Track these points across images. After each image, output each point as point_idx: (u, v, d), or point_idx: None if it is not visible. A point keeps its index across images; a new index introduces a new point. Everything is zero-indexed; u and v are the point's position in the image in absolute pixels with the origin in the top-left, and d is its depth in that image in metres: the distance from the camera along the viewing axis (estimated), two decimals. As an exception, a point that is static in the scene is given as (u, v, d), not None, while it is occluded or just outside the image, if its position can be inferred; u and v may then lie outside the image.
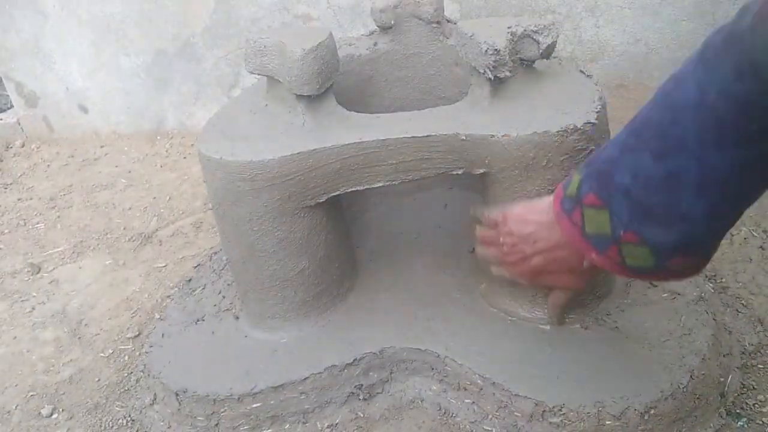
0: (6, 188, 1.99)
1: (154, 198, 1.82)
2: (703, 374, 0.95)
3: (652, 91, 0.61)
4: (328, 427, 1.04)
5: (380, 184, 1.02)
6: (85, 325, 1.39)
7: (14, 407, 1.20)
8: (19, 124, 2.27)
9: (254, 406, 1.03)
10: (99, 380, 1.23)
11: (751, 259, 1.27)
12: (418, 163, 0.99)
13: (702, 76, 0.51)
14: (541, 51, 0.95)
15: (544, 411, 0.93)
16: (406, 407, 1.06)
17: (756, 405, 1.00)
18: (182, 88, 2.10)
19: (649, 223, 0.58)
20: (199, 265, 1.35)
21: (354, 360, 1.04)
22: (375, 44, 1.19)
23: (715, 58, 0.50)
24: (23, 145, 2.23)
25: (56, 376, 1.26)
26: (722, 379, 1.01)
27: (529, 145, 0.91)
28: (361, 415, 1.05)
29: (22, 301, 1.49)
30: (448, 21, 1.20)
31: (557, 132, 0.90)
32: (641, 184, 0.57)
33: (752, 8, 0.47)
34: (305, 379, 1.03)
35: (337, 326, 1.11)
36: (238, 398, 1.02)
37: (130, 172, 1.98)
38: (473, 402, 1.01)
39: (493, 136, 0.93)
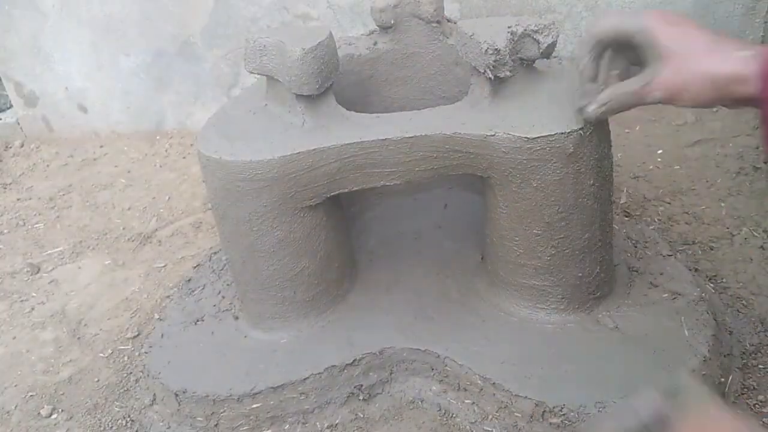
0: (5, 188, 1.99)
1: (154, 198, 1.82)
2: (704, 375, 0.95)
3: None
4: (328, 427, 1.04)
5: (380, 184, 1.02)
6: (85, 325, 1.38)
7: (14, 407, 1.20)
8: (19, 124, 2.27)
9: (254, 406, 1.03)
10: (98, 380, 1.23)
11: (751, 259, 1.27)
12: (418, 163, 0.99)
13: None
14: (541, 50, 0.95)
15: (544, 411, 0.93)
16: (406, 407, 1.06)
17: (756, 405, 1.00)
18: (182, 88, 2.10)
19: None
20: (198, 265, 1.35)
21: (354, 360, 1.04)
22: (375, 44, 1.19)
23: None
24: (22, 145, 2.23)
25: (56, 376, 1.26)
26: (723, 380, 1.00)
27: (530, 144, 0.91)
28: (361, 416, 1.05)
29: (22, 301, 1.49)
30: (448, 20, 1.19)
31: (558, 132, 0.90)
32: None
33: None
34: (305, 379, 1.03)
35: (337, 326, 1.11)
36: (238, 398, 1.02)
37: (129, 172, 1.98)
38: (473, 402, 1.01)
39: (493, 135, 0.93)
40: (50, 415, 1.17)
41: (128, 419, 1.13)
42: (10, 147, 2.22)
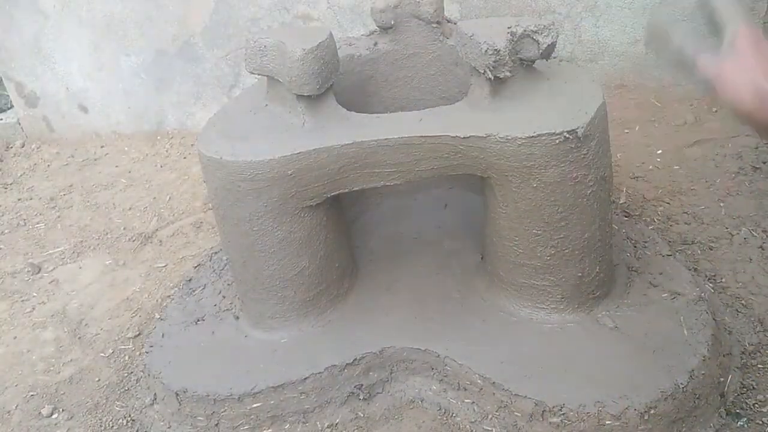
0: (6, 188, 1.99)
1: (154, 198, 1.82)
2: (703, 374, 0.95)
3: (652, 91, 0.58)
4: (328, 426, 1.04)
5: (380, 184, 1.02)
6: (86, 325, 1.39)
7: (14, 407, 1.20)
8: (20, 124, 2.27)
9: (254, 405, 1.03)
10: (99, 380, 1.23)
11: (750, 259, 1.27)
12: (418, 163, 0.99)
13: None
14: (541, 51, 0.95)
15: (544, 411, 0.93)
16: (406, 407, 1.06)
17: (756, 405, 1.00)
18: (182, 88, 2.10)
19: None
20: (199, 265, 1.35)
21: (354, 360, 1.04)
22: (375, 44, 1.19)
23: None
24: (23, 145, 2.23)
25: (56, 376, 1.26)
26: (722, 379, 1.01)
27: (529, 144, 0.91)
28: (361, 415, 1.05)
29: (23, 301, 1.49)
30: (448, 21, 1.20)
31: (557, 132, 0.91)
32: None
33: None
34: (305, 378, 1.03)
35: (337, 326, 1.11)
36: (239, 398, 1.02)
37: (130, 172, 1.98)
38: (473, 402, 1.01)
39: (492, 135, 0.93)
40: (51, 414, 1.17)
41: (129, 419, 1.13)
42: (11, 147, 2.23)
